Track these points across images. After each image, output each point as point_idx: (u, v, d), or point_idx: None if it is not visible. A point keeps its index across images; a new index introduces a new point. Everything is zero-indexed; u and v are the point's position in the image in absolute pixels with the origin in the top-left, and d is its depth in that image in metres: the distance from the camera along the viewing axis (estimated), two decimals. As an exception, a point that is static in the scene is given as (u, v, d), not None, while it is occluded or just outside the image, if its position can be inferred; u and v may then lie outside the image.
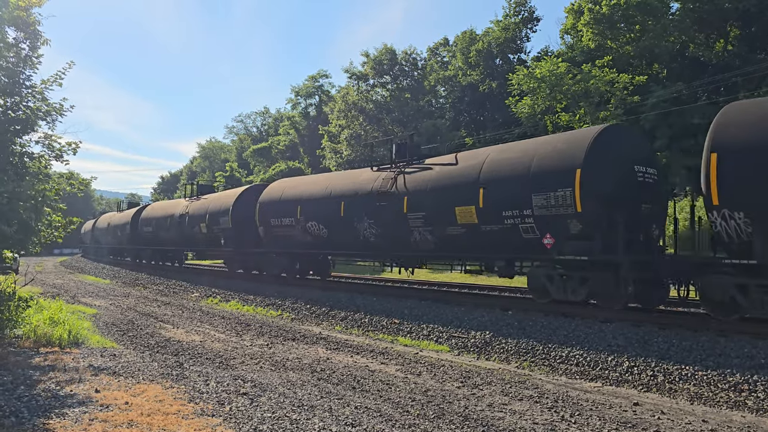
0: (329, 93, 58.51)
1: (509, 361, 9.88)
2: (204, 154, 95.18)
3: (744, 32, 28.50)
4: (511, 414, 6.44)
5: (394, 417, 6.15)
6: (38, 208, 9.59)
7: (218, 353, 9.63)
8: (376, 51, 44.75)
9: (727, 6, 27.43)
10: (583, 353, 9.46)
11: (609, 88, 26.54)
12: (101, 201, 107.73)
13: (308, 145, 56.15)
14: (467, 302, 13.88)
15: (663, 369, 8.41)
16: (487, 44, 41.79)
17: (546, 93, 27.84)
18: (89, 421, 5.67)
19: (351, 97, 45.14)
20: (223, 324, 13.36)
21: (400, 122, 41.54)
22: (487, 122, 40.34)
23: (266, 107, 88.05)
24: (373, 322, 13.26)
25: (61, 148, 9.76)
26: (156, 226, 30.88)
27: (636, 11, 29.60)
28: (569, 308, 11.74)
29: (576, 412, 6.54)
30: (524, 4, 42.13)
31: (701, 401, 7.45)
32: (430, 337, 11.72)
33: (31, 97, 9.46)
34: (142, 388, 6.95)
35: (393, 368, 8.91)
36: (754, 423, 6.50)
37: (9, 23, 8.97)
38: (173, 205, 30.37)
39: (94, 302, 17.62)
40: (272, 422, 5.79)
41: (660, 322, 10.25)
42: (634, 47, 30.35)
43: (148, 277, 27.20)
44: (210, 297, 19.31)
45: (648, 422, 6.27)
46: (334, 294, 16.80)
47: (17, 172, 9.31)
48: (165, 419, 5.77)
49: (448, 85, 45.19)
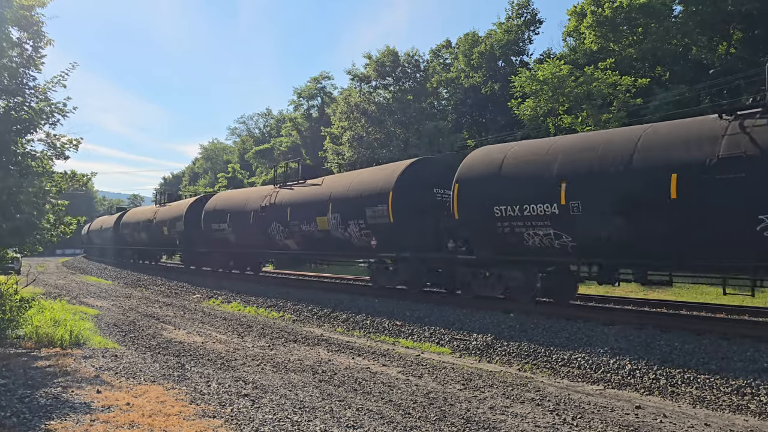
0: (331, 94, 58.51)
1: (511, 364, 9.86)
2: (206, 156, 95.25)
3: (747, 35, 28.46)
4: (513, 417, 6.42)
5: (395, 419, 6.13)
6: (39, 205, 9.61)
7: (220, 354, 9.62)
8: (379, 53, 44.74)
9: (730, 9, 27.41)
10: (585, 356, 9.43)
11: (612, 90, 26.51)
12: (103, 202, 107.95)
13: (310, 146, 56.14)
14: (469, 304, 13.86)
15: (665, 372, 8.39)
16: (490, 46, 41.78)
17: (548, 95, 27.83)
18: (90, 422, 5.67)
19: (353, 98, 45.11)
20: (225, 325, 13.35)
21: (402, 124, 41.51)
22: (490, 124, 40.31)
23: (269, 108, 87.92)
24: (375, 324, 13.25)
25: (63, 145, 9.79)
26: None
27: (639, 14, 29.60)
28: (570, 311, 11.75)
29: (578, 415, 6.52)
30: (527, 6, 42.12)
31: (704, 405, 7.43)
32: (431, 339, 11.70)
33: (33, 97, 9.48)
34: (144, 389, 6.95)
35: (394, 370, 8.90)
36: (757, 427, 6.48)
37: (12, 23, 8.98)
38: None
39: (95, 303, 17.63)
40: (273, 424, 5.79)
41: (662, 325, 10.23)
42: (636, 50, 30.33)
43: (150, 278, 27.23)
44: (212, 298, 19.31)
45: (650, 426, 6.25)
46: (336, 295, 16.80)
47: (20, 171, 9.33)
48: (166, 420, 5.77)
49: (450, 87, 45.15)
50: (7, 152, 9.16)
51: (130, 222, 36.67)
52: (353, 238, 16.49)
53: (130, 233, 36.28)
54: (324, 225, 17.32)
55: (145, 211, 35.73)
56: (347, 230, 16.55)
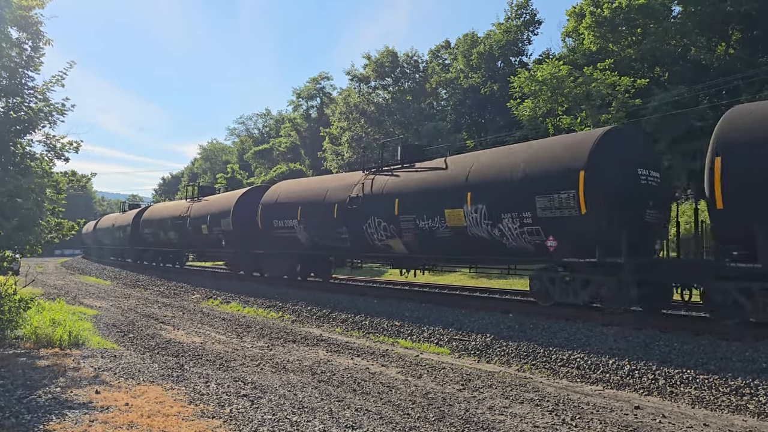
0: (331, 95, 58.55)
1: (510, 364, 9.86)
2: (205, 156, 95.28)
3: (746, 35, 28.47)
4: (512, 417, 6.42)
5: (394, 419, 6.13)
6: (39, 204, 9.61)
7: (219, 355, 9.62)
8: (378, 53, 44.77)
9: (729, 9, 27.39)
10: (584, 356, 9.43)
11: (611, 91, 26.51)
12: (102, 202, 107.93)
13: (309, 147, 56.18)
14: (468, 305, 13.86)
15: (664, 372, 8.39)
16: (489, 47, 41.79)
17: (547, 96, 27.81)
18: (89, 422, 5.66)
19: (352, 99, 45.16)
20: (224, 326, 13.35)
21: (401, 124, 41.53)
22: (489, 125, 40.30)
23: (268, 109, 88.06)
24: (374, 325, 13.24)
25: (63, 146, 9.79)
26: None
27: (638, 14, 29.59)
28: (570, 311, 11.73)
29: (577, 416, 6.52)
30: (526, 7, 42.15)
31: (702, 405, 7.43)
32: (430, 339, 11.70)
33: (32, 97, 9.48)
34: (143, 390, 6.94)
35: (393, 370, 8.90)
36: (756, 427, 6.48)
37: (11, 23, 8.98)
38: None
39: (94, 303, 17.62)
40: (272, 424, 5.78)
41: (661, 326, 10.23)
42: (635, 50, 30.34)
43: (149, 279, 27.20)
44: (211, 299, 19.30)
45: (649, 426, 6.25)
46: (335, 296, 16.79)
47: (19, 171, 9.33)
48: (165, 421, 5.76)
49: (449, 87, 45.16)
50: (6, 152, 9.16)
51: (153, 219, 31.70)
52: (506, 237, 12.51)
53: (154, 232, 31.60)
54: (457, 220, 13.40)
55: (173, 206, 30.88)
56: (497, 227, 12.54)
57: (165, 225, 29.85)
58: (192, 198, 29.01)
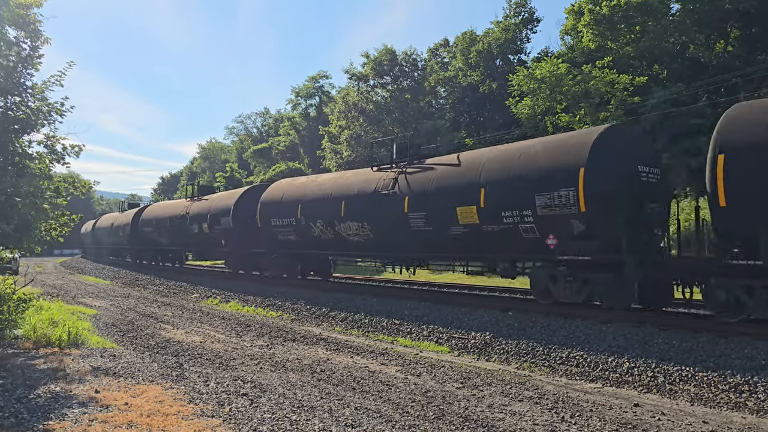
0: (329, 94, 58.52)
1: (509, 362, 9.87)
2: (204, 155, 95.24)
3: (744, 33, 28.49)
4: (511, 415, 6.42)
5: (394, 418, 6.14)
6: (37, 205, 9.60)
7: (218, 354, 9.62)
8: (377, 52, 44.76)
9: (727, 7, 27.41)
10: (583, 354, 9.44)
11: (609, 88, 26.53)
12: (101, 201, 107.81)
13: (308, 145, 56.16)
14: (467, 303, 13.87)
15: (663, 370, 8.40)
16: (488, 45, 41.79)
17: (546, 94, 27.82)
18: (89, 422, 5.66)
19: (351, 98, 45.15)
20: (223, 325, 13.35)
21: (400, 123, 41.52)
22: (487, 123, 40.31)
23: (266, 108, 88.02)
24: (373, 323, 13.25)
25: (64, 149, 9.76)
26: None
27: (636, 12, 29.61)
28: (569, 309, 11.73)
29: (576, 413, 6.53)
30: (524, 5, 42.15)
31: (702, 402, 7.44)
32: (430, 337, 11.71)
33: (31, 97, 9.47)
34: (142, 389, 6.94)
35: (393, 369, 8.90)
36: (755, 424, 6.49)
37: (9, 22, 8.97)
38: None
39: (93, 303, 17.61)
40: (272, 423, 5.79)
41: (660, 324, 10.23)
42: (634, 48, 30.36)
43: (148, 278, 27.19)
44: (210, 298, 19.30)
45: (648, 423, 6.26)
46: (334, 295, 16.78)
47: (18, 171, 9.32)
48: (165, 420, 5.77)
49: (448, 85, 45.17)
50: (4, 152, 9.15)
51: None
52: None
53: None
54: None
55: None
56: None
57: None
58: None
